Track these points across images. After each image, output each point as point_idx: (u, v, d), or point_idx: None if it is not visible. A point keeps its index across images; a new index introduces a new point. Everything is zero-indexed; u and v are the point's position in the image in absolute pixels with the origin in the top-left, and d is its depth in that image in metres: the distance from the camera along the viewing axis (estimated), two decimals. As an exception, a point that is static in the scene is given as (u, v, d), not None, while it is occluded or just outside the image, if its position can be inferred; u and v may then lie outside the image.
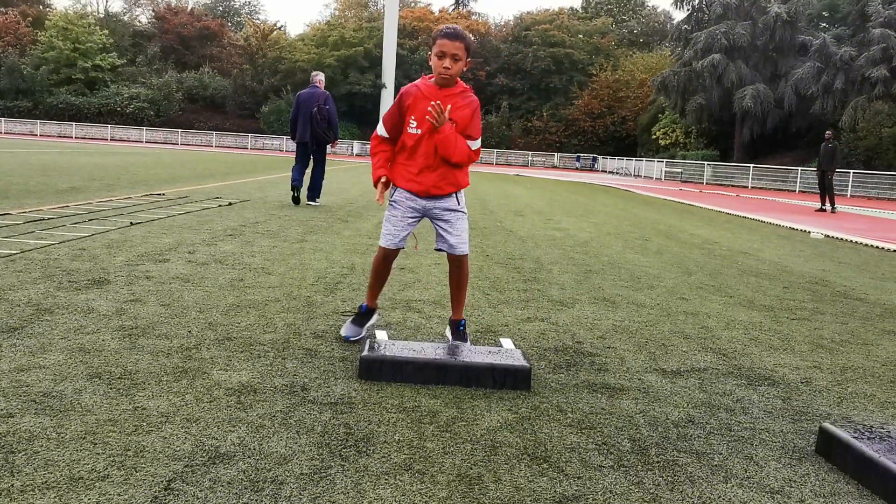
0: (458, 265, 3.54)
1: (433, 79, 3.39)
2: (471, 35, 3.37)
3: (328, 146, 10.91)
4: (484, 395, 2.99)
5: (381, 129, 3.48)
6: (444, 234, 3.50)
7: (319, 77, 11.00)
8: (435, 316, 4.30)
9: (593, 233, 9.67)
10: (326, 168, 11.19)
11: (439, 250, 3.55)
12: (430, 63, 3.35)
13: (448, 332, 3.70)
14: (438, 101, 3.26)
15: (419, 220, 3.56)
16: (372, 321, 3.71)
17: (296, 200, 10.70)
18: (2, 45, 64.01)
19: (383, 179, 3.44)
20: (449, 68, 3.28)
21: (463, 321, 3.64)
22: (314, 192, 10.97)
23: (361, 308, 3.70)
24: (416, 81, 3.45)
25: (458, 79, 3.40)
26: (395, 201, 3.51)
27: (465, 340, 3.58)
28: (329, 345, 3.55)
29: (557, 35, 63.09)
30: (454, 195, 3.48)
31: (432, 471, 2.25)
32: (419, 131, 3.34)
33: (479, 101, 3.48)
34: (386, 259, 3.57)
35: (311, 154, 10.86)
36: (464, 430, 2.60)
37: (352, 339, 3.60)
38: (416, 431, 2.55)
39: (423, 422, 2.65)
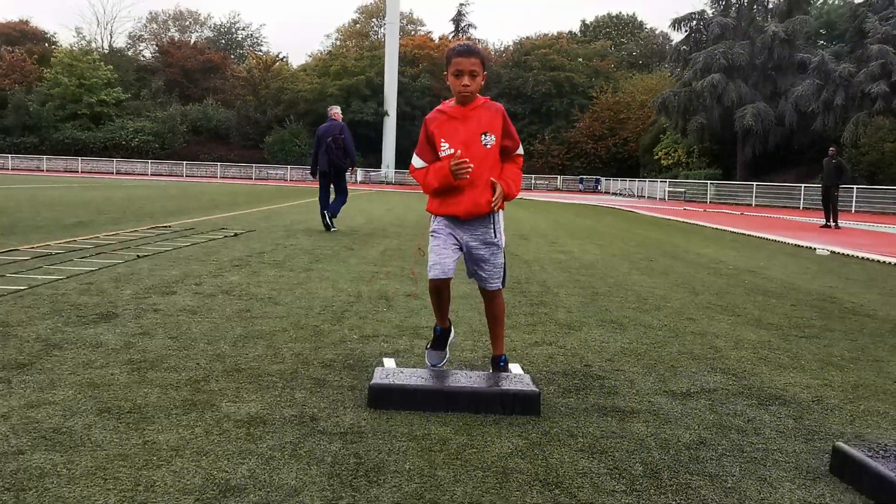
0: (492, 298, 3.46)
1: (453, 100, 3.35)
2: (483, 48, 3.33)
3: (347, 173, 11.70)
4: (494, 421, 2.98)
5: (417, 162, 3.40)
6: (478, 270, 3.42)
7: (335, 110, 11.88)
8: (442, 342, 4.29)
9: (599, 255, 9.67)
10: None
11: (472, 277, 3.48)
12: (448, 83, 3.28)
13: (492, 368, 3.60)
14: (495, 195, 3.23)
15: (460, 251, 3.42)
16: (451, 338, 3.65)
17: (327, 226, 11.44)
18: (9, 82, 64.69)
19: (453, 161, 3.20)
20: (468, 85, 3.22)
21: (504, 356, 3.56)
22: (332, 210, 11.65)
23: (436, 330, 3.60)
24: (438, 107, 3.41)
25: (478, 94, 3.34)
26: (435, 231, 3.41)
27: (507, 370, 3.52)
28: (337, 374, 3.55)
29: (557, 59, 63.53)
30: (493, 223, 3.38)
31: (444, 499, 2.24)
32: (452, 150, 3.25)
33: (503, 107, 3.41)
34: (439, 289, 3.43)
35: (332, 182, 11.63)
36: (474, 457, 2.59)
37: (440, 364, 3.55)
38: (427, 460, 2.55)
39: (434, 450, 2.64)
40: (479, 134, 3.27)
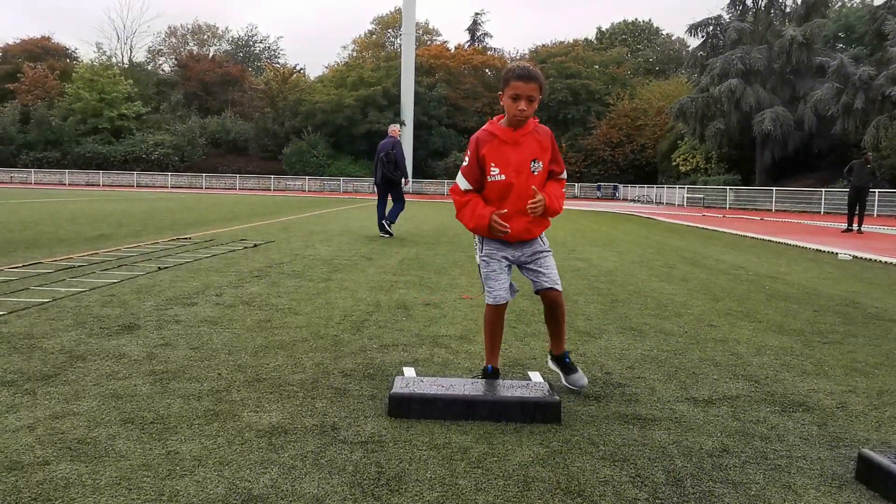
0: (556, 302, 3.43)
1: (502, 120, 3.33)
2: (541, 74, 3.32)
3: (401, 184, 13.00)
4: (514, 429, 2.98)
5: (463, 183, 3.36)
6: (536, 275, 3.41)
7: (393, 128, 13.12)
8: (462, 351, 4.30)
9: (617, 262, 9.63)
10: (358, 206, 11.93)
11: (539, 291, 3.43)
12: (503, 104, 3.28)
13: (553, 366, 3.62)
14: (530, 202, 3.23)
15: (511, 268, 3.47)
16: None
17: (387, 233, 12.72)
18: (31, 98, 65.72)
19: (495, 216, 3.25)
20: (525, 110, 3.21)
21: (567, 352, 3.57)
22: (390, 218, 12.95)
23: (487, 370, 3.51)
24: (487, 126, 3.37)
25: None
26: (487, 256, 3.42)
27: (577, 370, 3.53)
28: (358, 383, 3.56)
29: (573, 66, 63.55)
30: (539, 237, 3.45)
31: (465, 508, 2.24)
32: (503, 177, 3.27)
33: (551, 130, 3.44)
34: (499, 315, 3.43)
35: (388, 192, 12.97)
36: (496, 465, 2.59)
37: None
38: (448, 468, 2.55)
39: (455, 458, 2.64)
40: (530, 161, 3.29)
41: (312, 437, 2.81)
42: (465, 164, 3.37)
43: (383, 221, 12.78)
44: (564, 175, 3.49)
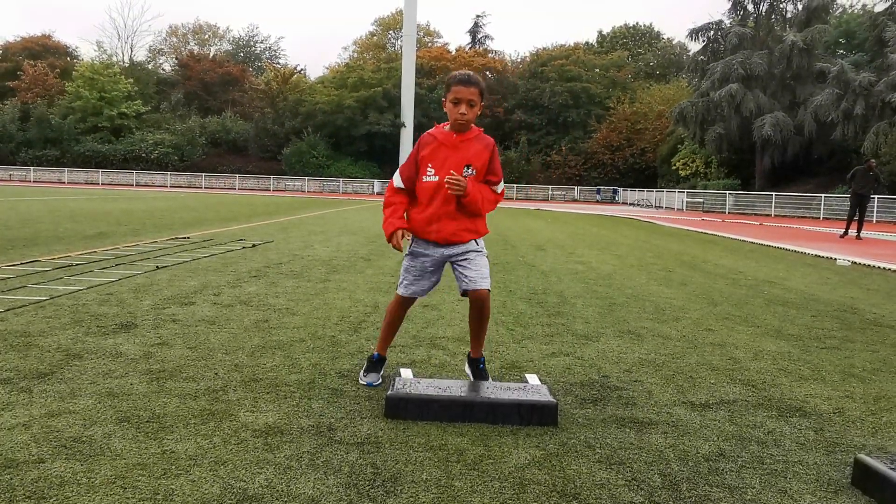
0: (479, 303, 3.39)
1: (447, 125, 3.40)
2: (482, 79, 3.38)
3: None
4: (511, 431, 2.97)
5: (397, 180, 3.46)
6: (464, 271, 3.39)
7: None
8: (459, 353, 4.29)
9: (616, 265, 9.63)
10: (357, 207, 11.73)
11: (464, 293, 3.40)
12: (445, 109, 3.36)
13: (468, 370, 3.66)
14: (452, 172, 3.29)
15: (441, 269, 3.51)
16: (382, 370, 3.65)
17: None
18: (31, 96, 65.68)
19: (399, 233, 3.37)
20: (465, 114, 3.29)
21: (482, 358, 3.60)
22: None
23: (373, 357, 3.63)
24: (431, 130, 3.45)
25: (473, 124, 3.40)
26: (413, 253, 3.49)
27: (487, 378, 3.55)
28: (354, 384, 3.56)
29: (574, 69, 63.53)
30: (473, 241, 3.45)
31: (461, 510, 2.23)
32: (436, 178, 3.33)
33: (494, 140, 3.49)
34: (401, 306, 3.56)
35: None
36: (491, 467, 2.59)
37: (375, 384, 3.54)
38: (444, 470, 2.54)
39: (451, 460, 2.64)
40: (464, 164, 3.35)
41: (308, 437, 2.80)
42: (403, 162, 3.46)
43: None
44: (500, 188, 3.50)
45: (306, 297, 6.04)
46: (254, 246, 10.32)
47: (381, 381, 3.56)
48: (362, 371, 3.64)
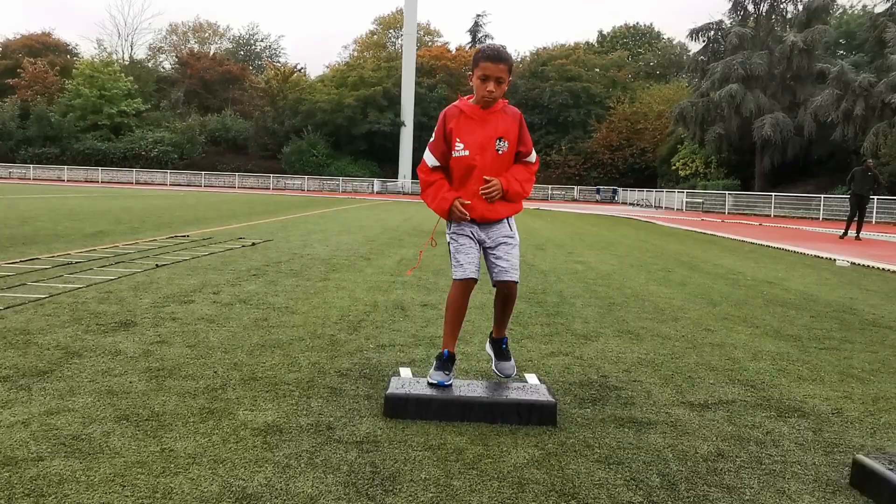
0: (507, 291, 3.36)
1: (473, 99, 3.30)
2: (511, 55, 3.24)
3: None
4: (510, 431, 2.98)
5: (430, 159, 3.33)
6: (497, 261, 3.32)
7: None
8: (458, 352, 4.29)
9: (615, 265, 9.63)
10: (357, 206, 11.64)
11: (495, 283, 3.35)
12: (472, 84, 3.26)
13: (489, 349, 3.54)
14: (486, 181, 3.20)
15: (480, 249, 3.38)
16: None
17: None
18: (31, 93, 65.63)
19: (457, 203, 3.24)
20: (493, 91, 3.18)
21: (505, 339, 3.50)
22: None
23: (443, 355, 3.36)
24: (456, 102, 3.35)
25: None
26: (454, 233, 3.37)
27: (510, 359, 3.47)
28: (353, 383, 3.56)
29: (574, 69, 63.52)
30: (507, 220, 3.38)
31: (459, 509, 2.24)
32: (467, 153, 3.23)
33: (521, 113, 3.38)
34: (466, 293, 3.32)
35: None
36: (490, 467, 2.59)
37: (445, 383, 3.31)
38: (443, 469, 2.54)
39: (450, 459, 2.64)
40: (495, 139, 3.24)
41: (307, 436, 2.80)
42: (432, 139, 3.34)
43: None
44: (533, 158, 3.41)
45: (306, 296, 6.04)
46: (253, 244, 10.32)
47: (450, 381, 3.31)
48: (431, 369, 3.40)
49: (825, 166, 40.80)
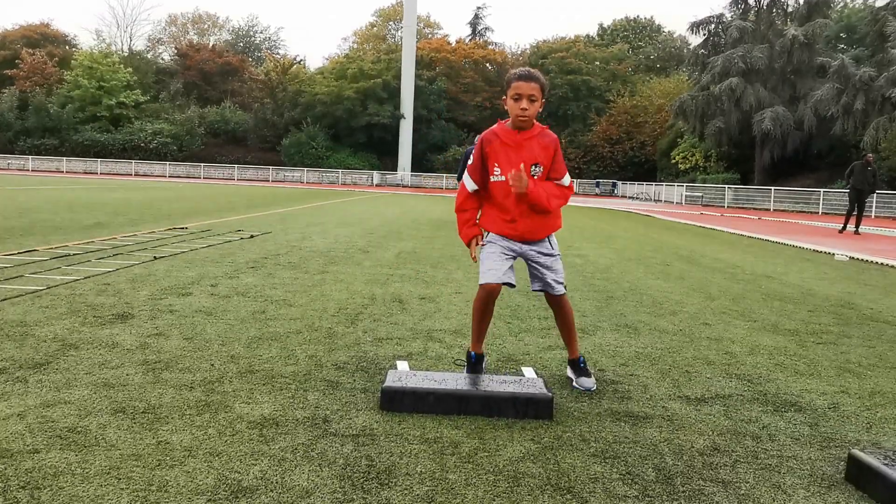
0: (560, 304, 3.52)
1: (509, 122, 3.36)
2: (543, 76, 3.31)
3: None
4: (506, 424, 2.98)
5: (469, 183, 3.42)
6: (541, 275, 3.44)
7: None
8: (456, 345, 4.30)
9: (614, 259, 9.63)
10: (356, 199, 11.63)
11: (536, 291, 3.53)
12: (506, 107, 3.30)
13: (570, 372, 3.63)
14: (513, 170, 3.23)
15: (515, 259, 3.46)
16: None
17: None
18: (29, 84, 65.44)
19: (474, 241, 3.42)
20: (526, 109, 3.23)
21: (581, 357, 3.60)
22: None
23: (471, 357, 3.52)
24: (493, 127, 3.41)
25: (535, 120, 3.35)
26: (489, 241, 3.43)
27: (590, 375, 3.56)
28: (350, 376, 3.56)
29: (574, 62, 63.38)
30: (547, 239, 3.46)
31: (455, 503, 2.24)
32: (503, 178, 3.30)
33: (558, 138, 3.44)
34: (490, 297, 3.38)
35: None
36: (486, 460, 2.59)
37: None
38: (439, 463, 2.54)
39: (446, 453, 2.64)
40: (531, 164, 3.30)
41: (304, 429, 2.81)
42: (470, 162, 3.42)
43: None
44: (566, 181, 3.45)
45: (303, 289, 6.04)
46: (251, 237, 10.31)
47: None
48: (464, 371, 3.54)
49: (825, 160, 40.76)
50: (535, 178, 3.31)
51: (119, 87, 64.82)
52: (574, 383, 3.55)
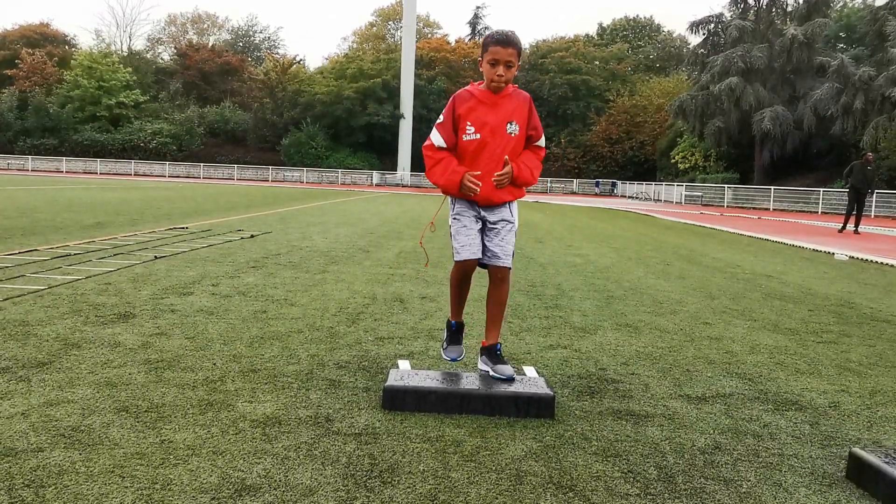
0: (502, 280, 3.37)
1: (482, 84, 3.32)
2: (520, 40, 3.27)
3: None
4: (508, 423, 2.99)
5: (437, 139, 3.32)
6: (489, 243, 3.35)
7: None
8: (457, 345, 4.30)
9: (614, 258, 9.64)
10: (356, 198, 11.59)
11: (484, 266, 3.38)
12: (482, 69, 3.28)
13: (484, 364, 3.43)
14: (495, 174, 3.23)
15: (482, 231, 3.39)
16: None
17: None
18: (29, 84, 65.46)
19: (468, 176, 3.22)
20: (502, 75, 3.21)
21: (499, 345, 3.44)
22: None
23: (451, 326, 3.53)
24: (467, 87, 3.38)
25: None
26: (458, 214, 3.38)
27: (506, 363, 3.39)
28: (352, 375, 3.56)
29: (574, 62, 63.40)
30: (509, 205, 3.39)
31: (458, 501, 2.25)
32: (478, 136, 3.25)
33: (531, 96, 3.42)
34: (466, 274, 3.37)
35: None
36: (488, 459, 2.60)
37: (460, 358, 3.50)
38: (441, 461, 2.55)
39: (448, 451, 2.65)
40: (506, 122, 3.27)
41: (306, 428, 2.81)
42: (440, 120, 3.33)
43: None
44: (542, 142, 3.43)
45: (304, 288, 6.05)
46: (252, 237, 10.31)
47: (463, 355, 3.50)
48: (444, 344, 3.55)
49: (824, 160, 40.79)
50: (513, 136, 3.28)
51: (118, 87, 64.85)
52: (492, 372, 3.33)
